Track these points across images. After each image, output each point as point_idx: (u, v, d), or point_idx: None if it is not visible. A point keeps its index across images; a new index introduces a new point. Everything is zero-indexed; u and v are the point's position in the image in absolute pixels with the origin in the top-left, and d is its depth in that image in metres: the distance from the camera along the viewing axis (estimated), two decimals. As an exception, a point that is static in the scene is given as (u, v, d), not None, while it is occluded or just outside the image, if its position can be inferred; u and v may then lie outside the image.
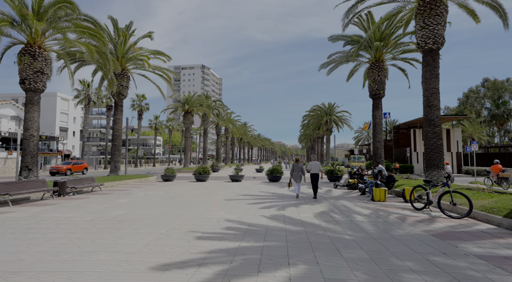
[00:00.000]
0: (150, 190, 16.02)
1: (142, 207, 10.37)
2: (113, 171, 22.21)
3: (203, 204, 11.12)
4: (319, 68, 24.16)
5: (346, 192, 15.67)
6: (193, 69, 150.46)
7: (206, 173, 22.94)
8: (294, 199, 12.56)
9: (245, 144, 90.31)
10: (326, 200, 12.26)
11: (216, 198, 12.89)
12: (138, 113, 63.12)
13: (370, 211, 9.71)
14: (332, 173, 22.53)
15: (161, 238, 6.25)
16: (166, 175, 22.85)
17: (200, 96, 42.28)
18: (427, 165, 14.20)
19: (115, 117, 22.58)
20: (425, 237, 6.40)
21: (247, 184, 20.36)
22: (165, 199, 12.37)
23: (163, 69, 24.17)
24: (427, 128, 14.06)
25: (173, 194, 14.44)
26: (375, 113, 22.21)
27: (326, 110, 47.50)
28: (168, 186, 18.75)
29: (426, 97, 14.07)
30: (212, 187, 17.77)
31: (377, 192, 11.88)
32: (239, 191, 15.52)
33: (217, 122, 56.51)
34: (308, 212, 9.49)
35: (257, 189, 16.62)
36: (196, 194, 14.41)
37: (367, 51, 22.65)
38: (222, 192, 15.08)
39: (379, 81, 21.93)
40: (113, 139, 22.40)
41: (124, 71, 22.56)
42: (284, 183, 20.80)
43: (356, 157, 36.77)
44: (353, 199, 12.78)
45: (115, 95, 22.32)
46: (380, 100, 22.24)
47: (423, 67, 14.30)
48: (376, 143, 22.19)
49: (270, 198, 12.95)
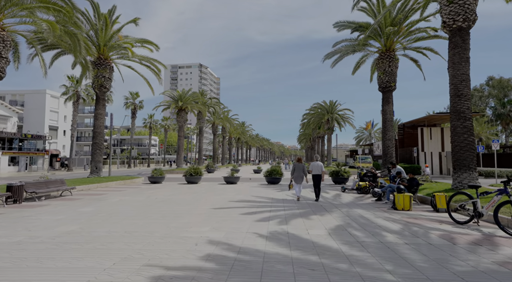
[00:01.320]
0: (130, 195, 13.75)
1: (105, 219, 8.11)
2: (94, 172, 19.90)
3: (185, 214, 8.87)
4: (323, 59, 21.97)
5: (357, 197, 13.45)
6: (190, 68, 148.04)
7: (197, 174, 20.69)
8: (297, 206, 10.34)
9: (243, 144, 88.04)
10: (337, 208, 10.04)
11: (203, 205, 10.65)
12: (132, 111, 60.77)
13: (399, 225, 7.48)
14: (337, 175, 20.30)
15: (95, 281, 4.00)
16: (154, 176, 20.59)
17: (195, 93, 40.00)
18: (455, 166, 11.98)
19: (96, 113, 20.26)
20: (508, 276, 4.18)
21: (243, 186, 18.13)
22: (141, 207, 10.11)
23: (151, 60, 21.91)
24: (456, 122, 11.84)
25: (154, 199, 12.19)
26: (385, 108, 20.01)
27: (328, 108, 45.31)
28: (154, 189, 16.50)
29: (454, 86, 11.86)
30: (203, 191, 15.53)
31: (401, 199, 9.65)
32: (232, 196, 13.29)
33: (213, 121, 54.24)
34: (318, 226, 7.26)
35: (254, 193, 14.40)
36: (181, 199, 12.15)
37: (376, 40, 20.47)
38: (212, 197, 12.83)
39: (390, 73, 19.75)
40: (93, 137, 20.09)
41: (107, 61, 20.26)
42: (284, 185, 18.58)
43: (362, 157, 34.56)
44: (369, 206, 10.56)
45: (96, 87, 20.01)
46: (391, 94, 20.07)
47: (450, 50, 12.09)
48: (387, 141, 20.00)
49: (269, 205, 10.72)
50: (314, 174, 11.99)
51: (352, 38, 20.45)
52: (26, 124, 53.72)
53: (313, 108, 50.01)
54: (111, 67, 20.64)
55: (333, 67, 23.13)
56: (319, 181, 11.90)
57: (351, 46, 21.42)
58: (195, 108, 39.01)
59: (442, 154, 33.98)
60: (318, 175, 11.90)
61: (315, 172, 11.96)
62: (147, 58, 21.86)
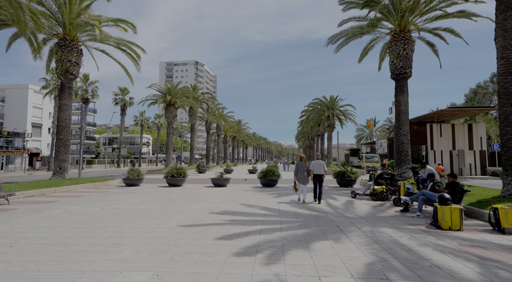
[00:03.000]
0: (84, 203, 10.79)
1: None
2: (57, 174, 16.89)
3: (131, 239, 5.95)
4: (326, 42, 19.10)
5: (374, 205, 10.57)
6: (186, 66, 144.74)
7: (181, 176, 17.76)
8: (298, 221, 7.46)
9: (239, 143, 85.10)
10: (355, 226, 7.16)
11: (170, 220, 7.73)
12: (121, 108, 57.75)
13: (470, 264, 4.60)
14: (344, 176, 17.45)
15: None
16: (129, 178, 17.65)
17: (186, 87, 37.00)
18: (506, 166, 9.12)
19: (60, 103, 17.22)
20: None
21: (233, 190, 15.23)
22: (79, 225, 7.18)
23: (128, 43, 18.90)
24: (508, 108, 8.98)
25: (112, 209, 9.28)
26: (400, 98, 17.17)
27: (328, 104, 42.43)
28: (123, 194, 13.56)
29: (506, 60, 9.00)
30: (181, 197, 12.61)
31: (447, 214, 6.77)
32: (215, 204, 10.38)
33: (207, 118, 51.26)
34: (338, 267, 4.37)
35: (244, 200, 11.49)
36: (146, 210, 9.23)
37: (388, 20, 17.60)
38: (189, 207, 9.91)
39: (405, 57, 16.91)
40: (57, 132, 17.05)
41: (74, 43, 17.24)
42: (281, 189, 15.70)
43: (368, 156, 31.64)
44: (398, 222, 7.68)
45: (60, 73, 16.98)
46: (406, 82, 17.22)
47: (499, 14, 9.25)
48: (401, 137, 17.16)
49: (260, 220, 7.82)
50: (315, 173, 11.09)
51: (360, 16, 17.54)
52: (7, 121, 50.51)
53: (312, 104, 47.13)
54: (79, 50, 17.61)
55: (337, 52, 20.25)
56: (321, 181, 11.07)
57: (358, 28, 18.54)
58: (185, 103, 36.00)
59: (453, 153, 31.24)
60: (320, 175, 11.04)
61: (316, 171, 11.09)
62: (123, 42, 18.85)
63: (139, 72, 19.36)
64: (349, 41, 19.48)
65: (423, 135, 32.90)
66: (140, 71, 19.18)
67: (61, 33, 17.08)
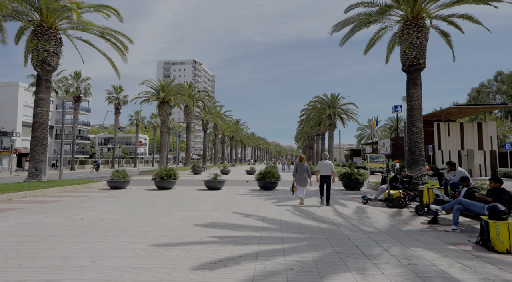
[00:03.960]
0: (51, 211, 9.12)
1: None
2: (33, 176, 15.17)
3: (77, 271, 4.28)
4: (330, 31, 17.46)
5: (392, 214, 8.93)
6: (183, 65, 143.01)
7: (171, 178, 16.11)
8: (306, 239, 5.82)
9: (237, 143, 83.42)
10: (379, 246, 5.52)
11: (144, 236, 6.08)
12: (115, 107, 55.99)
13: None
14: (350, 178, 15.84)
15: None
16: (113, 180, 15.98)
17: (180, 84, 35.30)
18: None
19: (37, 97, 15.51)
20: None
21: (227, 194, 13.58)
22: (14, 248, 5.50)
23: (113, 32, 17.22)
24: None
25: (78, 221, 7.62)
26: (412, 92, 15.53)
27: (329, 102, 40.79)
28: (102, 199, 11.89)
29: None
30: (167, 203, 10.95)
31: (504, 231, 5.14)
32: (203, 213, 8.73)
33: (204, 117, 49.58)
34: None
35: (239, 207, 9.85)
36: (119, 221, 7.56)
37: (399, 7, 15.99)
38: (171, 216, 8.26)
39: (418, 46, 15.29)
40: (33, 129, 15.35)
41: (52, 30, 15.55)
42: (282, 192, 14.08)
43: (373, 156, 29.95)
44: (432, 239, 6.04)
45: (36, 64, 15.28)
46: (419, 74, 15.58)
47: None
48: (414, 135, 15.52)
49: (257, 237, 6.17)
50: (322, 174, 10.20)
51: (369, 1, 15.89)
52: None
53: (312, 103, 45.48)
54: (58, 39, 15.91)
55: (342, 46, 18.63)
56: (328, 184, 10.24)
57: (366, 15, 16.91)
58: (180, 101, 34.30)
59: (461, 153, 29.68)
60: (327, 176, 10.21)
61: (323, 172, 10.21)
62: (108, 31, 17.17)
63: (126, 63, 17.73)
64: (355, 32, 17.86)
65: (429, 134, 31.30)
66: (127, 63, 17.56)
67: (37, 20, 15.40)
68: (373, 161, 29.08)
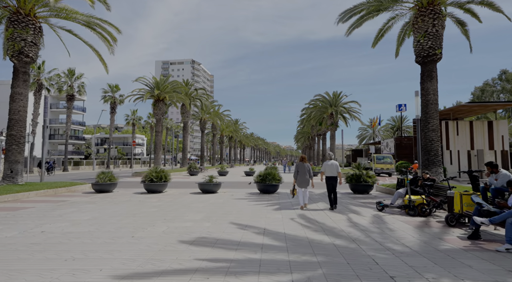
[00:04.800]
0: (10, 222, 7.66)
1: None
2: (7, 178, 13.64)
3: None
4: (336, 20, 16.05)
5: (418, 225, 7.47)
6: (182, 64, 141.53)
7: (161, 180, 14.66)
8: (320, 265, 4.34)
9: (236, 143, 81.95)
10: (421, 278, 4.06)
11: (101, 264, 4.61)
12: (111, 106, 54.39)
13: None
14: (359, 180, 14.37)
15: None
16: (98, 183, 14.52)
17: (176, 81, 33.80)
18: None
19: (12, 92, 13.98)
20: None
21: (223, 198, 12.13)
22: None
23: (100, 21, 15.73)
24: None
25: (35, 236, 6.18)
26: (427, 85, 14.11)
27: (331, 100, 39.33)
28: (79, 205, 10.44)
29: None
30: (152, 209, 9.50)
31: None
32: (192, 224, 7.26)
33: (201, 116, 48.12)
34: None
35: (235, 215, 8.39)
36: (84, 236, 6.09)
37: (411, -8, 14.60)
38: (152, 229, 6.79)
39: (435, 35, 13.87)
40: (8, 127, 13.81)
41: (30, 18, 14.09)
42: (283, 196, 12.62)
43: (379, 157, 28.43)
44: (486, 265, 4.59)
45: (12, 55, 13.79)
46: (435, 66, 14.17)
47: None
48: (429, 133, 14.11)
49: (256, 260, 4.70)
50: (328, 175, 9.57)
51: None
52: (-12, 120, 47.10)
53: (313, 101, 44.07)
54: (38, 27, 14.44)
55: (348, 36, 17.23)
56: (335, 185, 9.55)
57: (376, 2, 15.49)
58: (175, 99, 32.82)
59: (471, 153, 28.24)
60: (333, 177, 9.54)
61: (329, 173, 9.58)
62: (94, 19, 15.68)
63: (113, 55, 16.25)
64: (363, 21, 16.46)
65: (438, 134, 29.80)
66: (113, 54, 16.10)
67: (13, 6, 13.93)
68: (380, 162, 27.53)
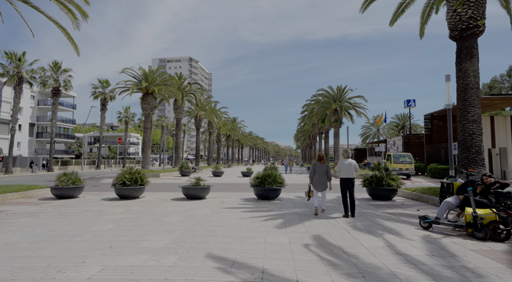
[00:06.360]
0: None
1: None
2: None
3: None
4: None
5: (503, 257, 4.72)
6: (179, 62, 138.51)
7: (137, 183, 11.90)
8: None
9: (234, 142, 79.13)
10: None
11: None
12: (101, 103, 51.49)
13: None
14: (380, 183, 11.60)
15: None
16: (59, 187, 11.76)
17: (165, 73, 31.00)
18: None
19: None
20: None
21: (210, 208, 9.35)
22: None
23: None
24: None
25: None
26: (466, 66, 11.34)
27: (335, 96, 36.55)
28: (14, 219, 7.70)
29: None
30: (107, 227, 6.73)
31: None
32: (149, 257, 4.46)
33: (196, 113, 45.30)
34: None
35: (219, 238, 5.61)
36: None
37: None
38: (74, 273, 4.00)
39: (475, 3, 11.12)
40: None
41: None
42: (287, 202, 9.81)
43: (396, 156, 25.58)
44: None
45: None
46: (476, 41, 11.41)
47: None
48: (468, 125, 11.37)
49: None
50: (343, 177, 8.18)
51: None
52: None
53: (314, 97, 41.30)
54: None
55: (363, 12, 14.50)
56: (352, 189, 8.14)
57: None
58: (165, 92, 29.97)
59: (492, 151, 25.51)
60: (350, 179, 8.15)
61: (345, 174, 8.17)
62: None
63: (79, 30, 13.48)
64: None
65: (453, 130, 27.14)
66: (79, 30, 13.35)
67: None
68: (398, 161, 24.67)
